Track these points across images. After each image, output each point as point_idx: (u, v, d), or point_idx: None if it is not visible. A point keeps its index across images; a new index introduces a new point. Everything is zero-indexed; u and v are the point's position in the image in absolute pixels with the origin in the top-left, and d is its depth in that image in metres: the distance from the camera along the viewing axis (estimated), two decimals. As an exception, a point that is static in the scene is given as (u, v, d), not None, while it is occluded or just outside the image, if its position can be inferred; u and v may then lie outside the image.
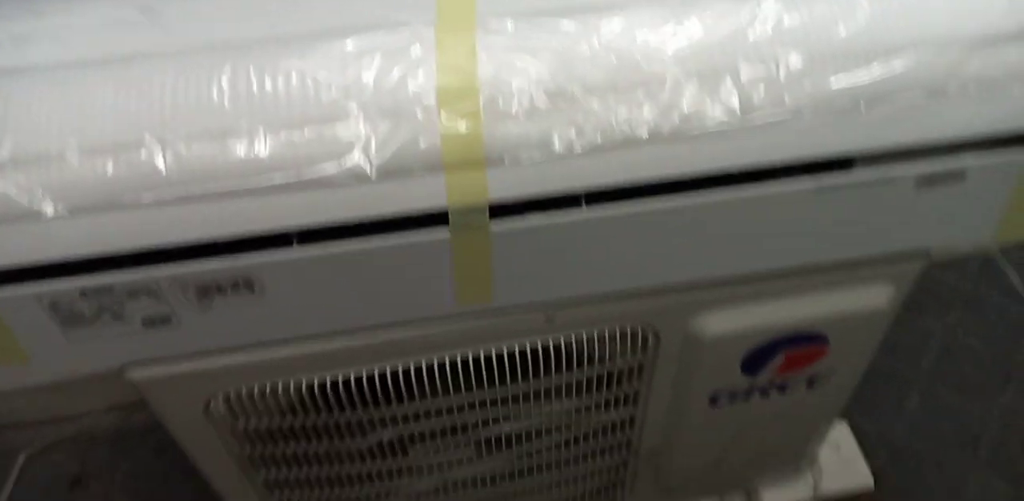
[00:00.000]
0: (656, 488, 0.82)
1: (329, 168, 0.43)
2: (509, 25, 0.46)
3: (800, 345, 0.64)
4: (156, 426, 1.08)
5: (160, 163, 0.42)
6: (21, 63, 0.44)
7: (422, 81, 0.44)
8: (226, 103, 0.44)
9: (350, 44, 0.45)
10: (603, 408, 0.67)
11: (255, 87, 0.44)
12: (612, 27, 0.46)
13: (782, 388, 0.69)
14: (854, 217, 0.52)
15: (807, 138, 0.47)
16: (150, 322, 0.47)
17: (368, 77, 0.44)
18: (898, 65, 0.46)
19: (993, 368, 1.08)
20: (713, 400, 0.68)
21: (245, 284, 0.47)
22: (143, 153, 0.42)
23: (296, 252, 0.46)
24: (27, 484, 1.02)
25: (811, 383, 0.69)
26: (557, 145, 0.45)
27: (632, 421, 0.70)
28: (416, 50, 0.45)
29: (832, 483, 0.89)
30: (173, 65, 0.44)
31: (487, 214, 0.46)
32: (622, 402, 0.67)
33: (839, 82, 0.46)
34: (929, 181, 0.51)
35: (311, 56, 0.45)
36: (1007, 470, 0.97)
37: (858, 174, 0.49)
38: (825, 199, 0.50)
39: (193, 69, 0.44)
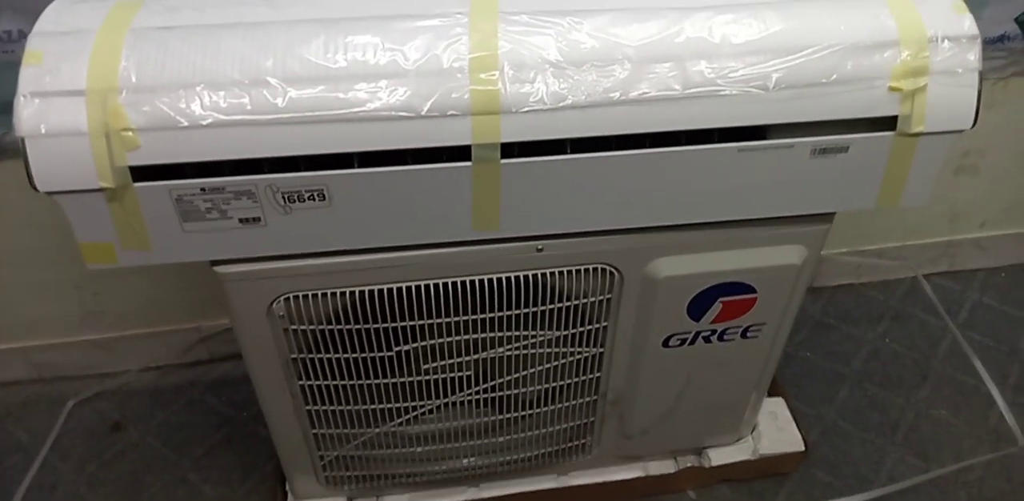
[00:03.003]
0: (620, 437, 0.96)
1: (390, 108, 0.61)
2: (524, 18, 0.65)
3: (734, 293, 0.80)
4: (187, 385, 1.23)
5: (272, 98, 0.60)
6: (173, 24, 0.62)
7: (460, 52, 0.62)
8: (321, 60, 0.61)
9: (409, 24, 0.63)
10: (576, 343, 0.82)
11: (342, 50, 0.62)
12: (596, 24, 0.65)
13: (722, 336, 0.85)
14: (766, 177, 0.69)
15: (733, 110, 0.65)
16: (245, 220, 0.64)
17: (422, 48, 0.62)
18: (799, 61, 0.65)
19: (913, 369, 1.24)
20: (665, 342, 0.84)
21: (319, 195, 0.63)
22: (261, 90, 0.60)
23: (357, 171, 0.63)
24: (73, 427, 1.15)
25: (745, 333, 0.86)
26: (552, 102, 0.63)
27: (600, 360, 0.85)
28: (456, 31, 0.63)
29: (768, 446, 1.03)
30: (283, 31, 0.62)
31: (499, 151, 0.64)
32: (592, 338, 0.82)
33: (757, 70, 0.64)
34: (821, 150, 0.69)
35: (381, 31, 0.63)
36: (919, 450, 1.12)
37: (769, 141, 0.67)
38: (744, 159, 0.68)
39: (297, 35, 0.62)
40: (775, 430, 1.05)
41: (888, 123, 0.68)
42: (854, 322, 1.33)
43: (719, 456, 1.03)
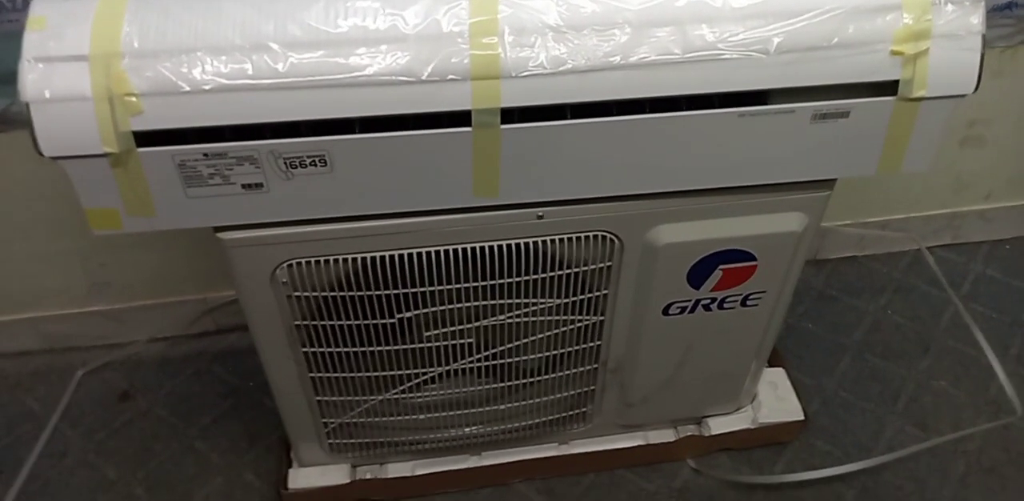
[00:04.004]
0: (620, 405, 0.98)
1: (390, 72, 0.61)
2: (522, -14, 0.65)
3: (734, 261, 0.81)
4: (194, 355, 1.25)
5: (273, 63, 0.60)
6: (176, -8, 0.62)
7: (460, 17, 0.62)
8: (322, 24, 0.61)
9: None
10: (577, 310, 0.83)
11: (342, 15, 0.62)
12: (596, -9, 0.65)
13: (722, 304, 0.86)
14: (767, 142, 0.70)
15: (733, 75, 0.65)
16: (248, 186, 0.64)
17: (422, 13, 0.62)
18: (800, 24, 0.65)
19: (915, 340, 1.25)
20: (665, 310, 0.85)
21: (320, 160, 0.64)
22: (262, 55, 0.60)
23: (358, 136, 0.63)
24: (82, 396, 1.17)
25: (745, 302, 0.86)
26: (552, 66, 0.63)
27: (600, 328, 0.86)
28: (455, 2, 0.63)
29: (768, 415, 1.04)
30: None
31: (499, 116, 0.64)
32: (593, 306, 0.83)
33: (758, 34, 0.64)
34: (822, 116, 0.69)
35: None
36: (919, 420, 1.13)
37: (769, 106, 0.68)
38: (745, 124, 0.68)
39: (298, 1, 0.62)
40: (775, 399, 1.06)
41: (889, 88, 0.68)
42: (856, 294, 1.34)
43: (719, 425, 1.04)
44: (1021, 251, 1.42)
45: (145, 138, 0.61)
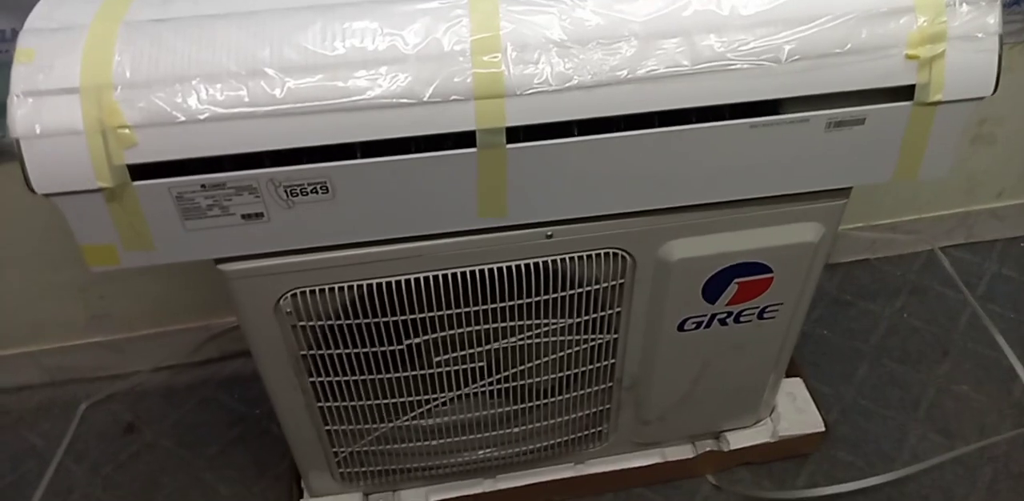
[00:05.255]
0: (636, 423, 0.95)
1: (391, 95, 0.59)
2: None
3: (749, 274, 0.79)
4: (199, 383, 1.22)
5: (270, 89, 0.58)
6: (166, 16, 0.60)
7: (461, 35, 0.60)
8: (318, 47, 0.59)
9: (408, 7, 0.61)
10: (590, 329, 0.81)
11: (339, 37, 0.60)
12: (600, 0, 0.63)
13: (738, 318, 0.83)
14: (780, 152, 0.68)
15: (744, 85, 0.63)
16: (248, 216, 0.62)
17: (422, 31, 0.60)
18: (811, 31, 0.63)
19: (933, 344, 1.23)
20: (681, 326, 0.83)
21: (322, 187, 0.62)
22: (259, 81, 0.58)
23: (360, 161, 0.61)
24: (86, 430, 1.14)
25: (762, 314, 0.84)
26: (557, 82, 0.61)
27: (614, 346, 0.84)
28: (456, 13, 0.61)
29: (788, 427, 1.02)
30: (279, 19, 0.60)
31: (504, 136, 0.62)
32: (606, 324, 0.81)
33: (768, 42, 0.62)
34: (837, 123, 0.67)
35: (379, 16, 0.61)
36: (942, 426, 1.11)
37: (781, 116, 0.66)
38: (757, 135, 0.66)
39: (293, 22, 0.60)
40: (794, 411, 1.04)
41: (905, 93, 0.66)
42: (871, 298, 1.31)
43: (738, 439, 1.02)
44: (1035, 248, 1.40)
45: (140, 171, 0.59)
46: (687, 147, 0.66)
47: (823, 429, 1.03)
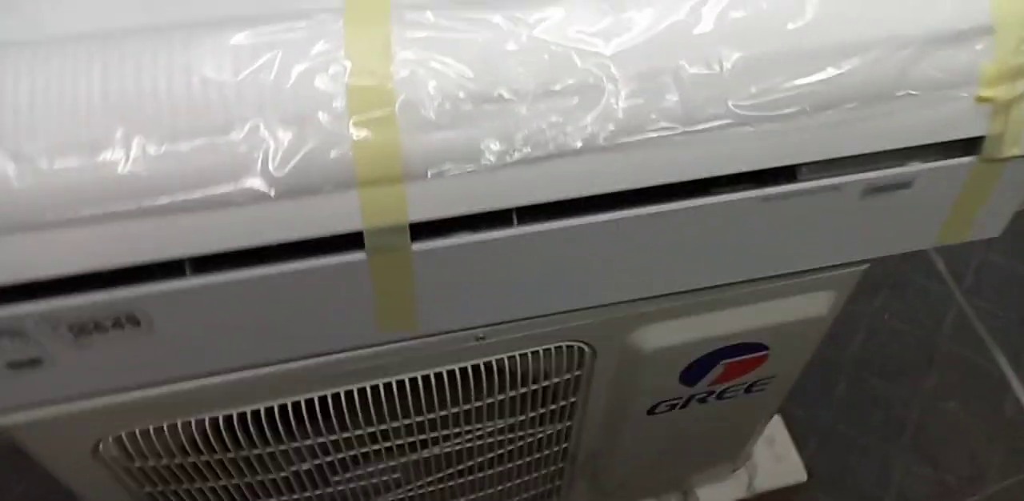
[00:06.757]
0: (592, 491, 0.80)
1: (221, 186, 0.37)
2: (428, 17, 0.41)
3: (740, 354, 0.61)
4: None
5: (15, 181, 0.36)
6: None
7: (328, 82, 0.38)
8: (96, 106, 0.37)
9: (243, 37, 0.39)
10: (536, 424, 0.63)
11: (131, 86, 0.37)
12: (545, 21, 0.41)
13: (721, 395, 0.67)
14: (799, 227, 0.49)
15: (751, 145, 0.43)
16: (17, 365, 0.41)
17: (265, 76, 0.38)
18: (846, 67, 0.43)
19: (917, 350, 1.09)
20: (651, 410, 0.65)
21: (128, 320, 0.41)
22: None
23: (183, 283, 0.40)
24: None
25: (749, 389, 0.67)
26: (483, 155, 0.40)
27: (568, 433, 0.67)
28: (321, 46, 0.39)
29: (766, 480, 0.88)
30: (27, 59, 0.37)
31: (408, 234, 0.41)
32: (558, 416, 0.63)
33: (788, 87, 0.42)
34: (875, 189, 0.48)
35: (197, 50, 0.38)
36: (928, 454, 0.99)
37: (803, 183, 0.46)
38: (770, 209, 0.47)
39: (54, 63, 0.37)
40: (772, 459, 0.89)
41: (967, 144, 0.48)
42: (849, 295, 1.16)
43: (709, 495, 0.88)
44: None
45: None
46: (674, 230, 0.46)
47: (805, 479, 0.90)
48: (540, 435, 0.65)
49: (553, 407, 0.61)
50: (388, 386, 0.52)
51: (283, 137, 0.38)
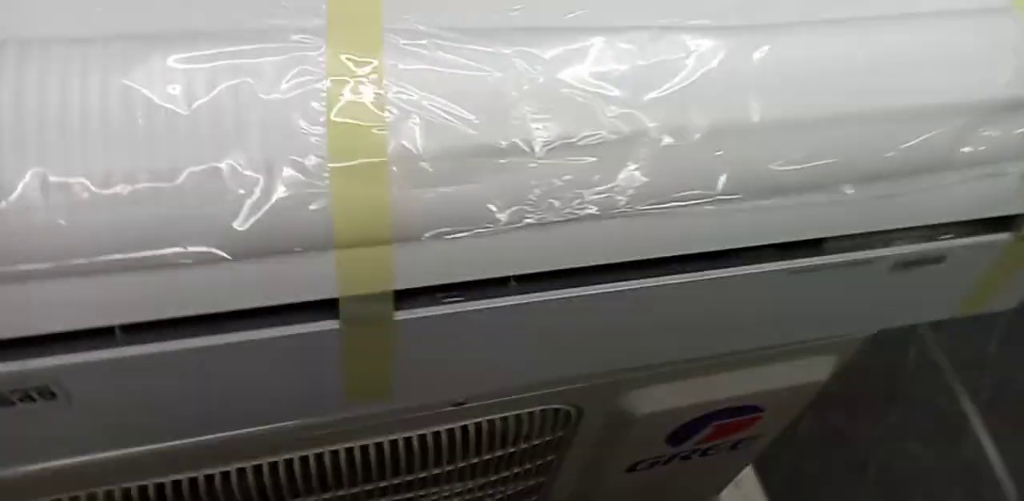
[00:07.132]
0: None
1: (164, 247, 0.30)
2: (428, 46, 0.34)
3: (732, 416, 0.56)
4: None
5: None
6: None
7: (305, 121, 0.32)
8: (5, 140, 0.30)
9: (200, 59, 0.32)
10: (510, 481, 0.57)
11: (54, 115, 0.30)
12: (564, 59, 0.35)
13: (705, 452, 0.62)
14: (821, 299, 0.44)
15: (783, 217, 0.38)
16: (-103, 445, 0.34)
17: (226, 111, 0.31)
18: (901, 139, 0.38)
19: (879, 384, 1.07)
20: (632, 468, 0.60)
21: (41, 393, 0.34)
22: None
23: (108, 354, 0.33)
24: None
25: (735, 445, 0.63)
26: (487, 218, 0.34)
27: (540, 488, 0.61)
28: (296, 74, 0.32)
29: (732, 522, 0.85)
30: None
31: (392, 304, 0.35)
32: (533, 473, 0.58)
33: (820, 157, 0.37)
34: (906, 264, 0.43)
35: (140, 71, 0.31)
36: (893, 494, 0.97)
37: (832, 257, 0.41)
38: (794, 282, 0.41)
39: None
40: (740, 499, 0.86)
41: (1005, 218, 0.43)
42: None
43: (672, 540, 0.84)
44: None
45: None
46: (690, 300, 0.40)
47: (770, 523, 0.87)
48: (510, 491, 0.59)
49: (529, 466, 0.56)
50: (349, 452, 0.46)
51: (246, 185, 0.31)
